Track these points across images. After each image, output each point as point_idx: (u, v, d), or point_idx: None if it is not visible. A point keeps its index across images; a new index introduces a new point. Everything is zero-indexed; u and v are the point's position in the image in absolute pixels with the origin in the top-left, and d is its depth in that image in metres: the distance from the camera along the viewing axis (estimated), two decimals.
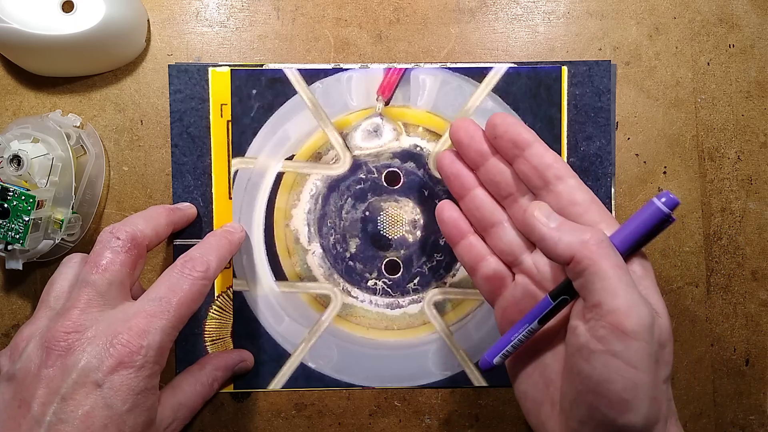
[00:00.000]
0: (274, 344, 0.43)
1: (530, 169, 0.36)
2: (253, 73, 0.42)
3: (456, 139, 0.38)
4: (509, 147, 0.36)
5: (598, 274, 0.30)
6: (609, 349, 0.29)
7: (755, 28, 0.44)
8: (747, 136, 0.43)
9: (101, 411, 0.30)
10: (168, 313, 0.33)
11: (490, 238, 0.38)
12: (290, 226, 0.43)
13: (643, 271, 0.33)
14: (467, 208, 0.39)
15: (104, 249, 0.34)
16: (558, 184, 0.35)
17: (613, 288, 0.30)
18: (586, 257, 0.30)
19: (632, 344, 0.29)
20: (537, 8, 0.44)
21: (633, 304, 0.29)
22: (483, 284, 0.38)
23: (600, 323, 0.29)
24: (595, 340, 0.30)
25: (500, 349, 0.35)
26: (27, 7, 0.39)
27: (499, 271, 0.38)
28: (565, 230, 0.32)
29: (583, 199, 0.34)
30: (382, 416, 0.43)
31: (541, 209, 0.33)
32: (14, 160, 0.37)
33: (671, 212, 0.31)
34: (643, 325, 0.29)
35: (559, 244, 0.32)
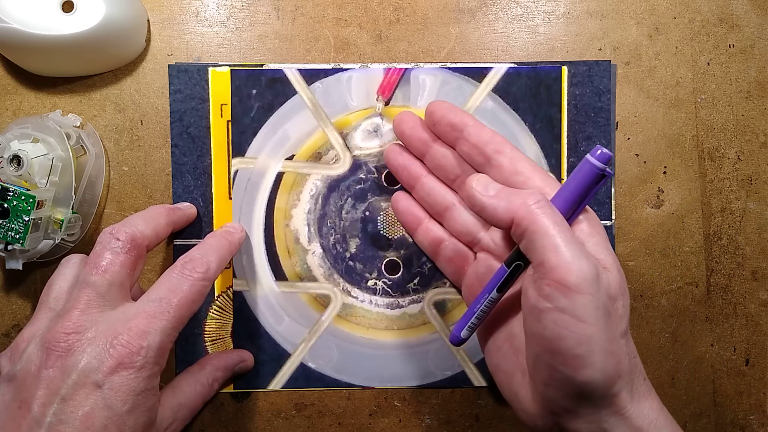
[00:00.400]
0: (274, 344, 0.43)
1: (470, 147, 0.37)
2: (253, 73, 0.42)
3: (399, 132, 0.40)
4: (448, 131, 0.38)
5: (537, 233, 0.31)
6: (556, 306, 0.30)
7: (755, 28, 0.44)
8: (747, 136, 0.43)
9: (101, 412, 0.30)
10: (168, 314, 0.33)
11: (446, 221, 0.40)
12: (290, 226, 0.43)
13: (590, 228, 0.33)
14: (419, 196, 0.40)
15: (104, 250, 0.34)
16: (499, 158, 0.36)
17: (553, 244, 0.30)
18: (525, 217, 0.31)
19: (577, 298, 0.29)
20: (537, 8, 0.44)
21: (574, 259, 0.29)
22: (446, 266, 0.40)
23: (545, 281, 0.30)
24: (542, 298, 0.30)
25: (466, 322, 0.35)
26: (27, 7, 0.39)
27: (459, 251, 0.39)
28: (503, 196, 0.33)
29: (524, 167, 0.35)
30: (382, 416, 0.43)
31: (479, 180, 0.35)
32: (14, 160, 0.37)
33: (605, 166, 0.32)
34: (585, 279, 0.29)
35: (498, 210, 0.33)
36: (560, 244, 0.30)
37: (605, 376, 0.30)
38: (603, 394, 0.30)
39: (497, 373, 0.36)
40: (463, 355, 0.43)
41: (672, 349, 0.43)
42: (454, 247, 0.39)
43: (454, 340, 0.36)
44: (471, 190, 0.34)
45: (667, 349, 0.43)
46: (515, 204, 0.32)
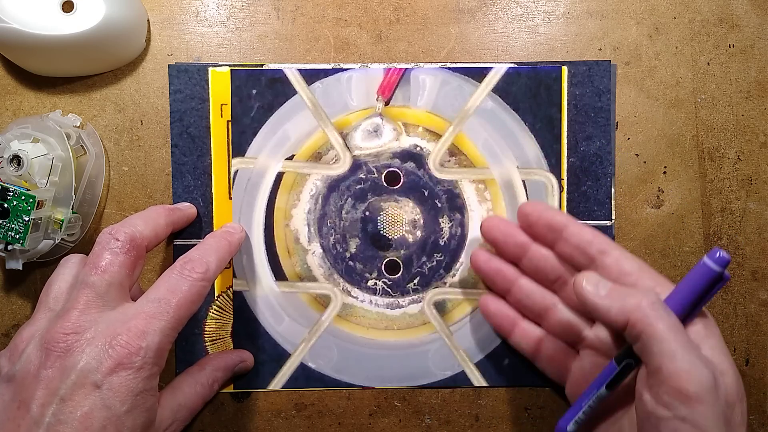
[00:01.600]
0: (274, 344, 0.43)
1: (572, 249, 0.36)
2: (253, 73, 0.42)
3: (491, 239, 0.39)
4: (546, 232, 0.37)
5: (654, 337, 0.30)
6: (675, 415, 0.29)
7: (755, 28, 0.44)
8: (747, 136, 0.43)
9: (100, 412, 0.30)
10: (167, 315, 0.33)
11: (545, 322, 0.39)
12: (290, 226, 0.43)
13: (705, 330, 0.32)
14: (516, 300, 0.39)
15: (103, 250, 0.34)
16: (604, 258, 0.35)
17: (670, 350, 0.29)
18: (640, 320, 0.31)
19: (697, 407, 0.29)
20: (537, 8, 0.44)
21: (692, 366, 0.29)
22: (548, 365, 0.39)
23: (663, 388, 0.29)
24: (661, 406, 0.29)
25: (573, 416, 0.35)
26: (27, 7, 0.39)
27: (561, 349, 0.38)
28: (616, 296, 0.32)
29: (632, 267, 0.34)
30: (382, 416, 0.43)
31: (589, 279, 0.34)
32: (14, 160, 0.37)
33: (723, 270, 0.31)
34: (704, 387, 0.29)
35: (611, 311, 0.32)
36: (677, 349, 0.29)
37: None
38: None
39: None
40: (463, 355, 0.43)
41: None
42: (555, 346, 0.38)
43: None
44: (581, 289, 0.34)
45: None
46: (629, 305, 0.31)
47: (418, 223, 0.43)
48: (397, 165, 0.43)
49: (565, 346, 0.39)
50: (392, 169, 0.43)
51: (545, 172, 0.43)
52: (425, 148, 0.43)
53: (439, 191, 0.43)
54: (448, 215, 0.43)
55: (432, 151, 0.43)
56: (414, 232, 0.43)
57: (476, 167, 0.43)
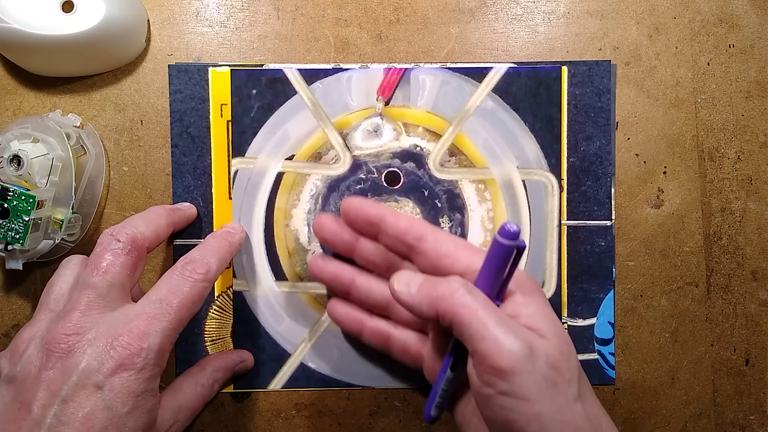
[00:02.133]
0: (274, 344, 0.43)
1: (391, 240, 0.37)
2: (253, 73, 0.42)
3: (320, 237, 0.40)
4: (366, 227, 0.38)
5: (461, 324, 0.31)
6: (498, 390, 0.29)
7: (755, 28, 0.44)
8: (747, 136, 0.43)
9: (101, 413, 0.30)
10: (168, 315, 0.33)
11: (392, 313, 0.39)
12: (290, 226, 0.43)
13: (524, 297, 0.33)
14: (358, 299, 0.40)
15: (104, 251, 0.34)
16: (421, 245, 0.36)
17: (478, 332, 0.30)
18: (446, 311, 0.31)
19: (515, 379, 0.29)
20: (537, 8, 0.44)
21: (500, 342, 0.29)
22: (402, 356, 0.39)
23: (481, 368, 0.30)
24: (485, 385, 0.30)
25: (432, 401, 0.35)
26: (27, 7, 0.39)
27: (410, 339, 0.39)
28: (424, 292, 0.33)
29: (448, 249, 0.35)
30: (382, 416, 0.43)
31: (400, 280, 0.35)
32: (14, 160, 0.37)
33: (516, 242, 0.31)
34: (516, 359, 0.29)
35: (423, 307, 0.33)
36: (486, 329, 0.30)
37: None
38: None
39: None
40: None
41: (672, 349, 0.43)
42: (403, 337, 0.39)
43: (427, 418, 0.36)
44: (393, 291, 0.35)
45: (667, 349, 0.43)
46: (435, 298, 0.32)
47: None
48: (397, 165, 0.43)
49: (415, 334, 0.39)
50: (392, 169, 0.43)
51: (545, 172, 0.43)
52: (425, 148, 0.43)
53: (439, 191, 0.43)
54: (448, 215, 0.43)
55: (432, 151, 0.43)
56: None
57: (476, 167, 0.43)
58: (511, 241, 0.31)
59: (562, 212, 0.43)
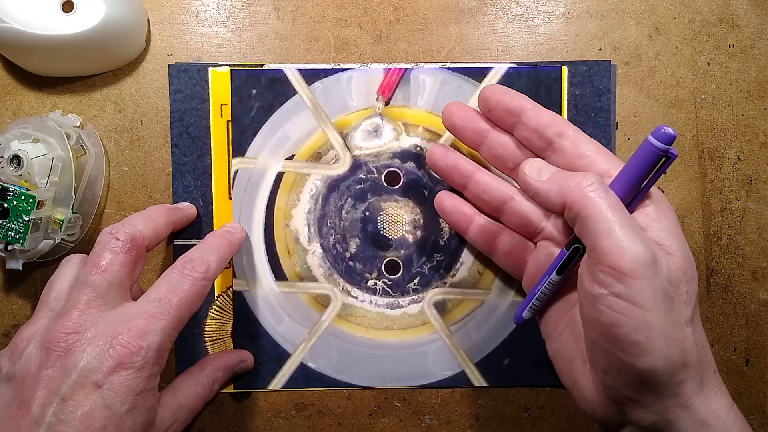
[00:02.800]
0: (274, 344, 0.43)
1: (530, 132, 0.36)
2: (253, 73, 0.42)
3: (450, 124, 0.38)
4: (505, 116, 0.36)
5: (589, 217, 0.30)
6: (611, 291, 0.29)
7: (755, 28, 0.44)
8: (747, 136, 0.43)
9: (100, 412, 0.30)
10: (168, 314, 0.33)
11: (504, 214, 0.38)
12: (290, 226, 0.43)
13: (657, 213, 0.32)
14: (474, 195, 0.39)
15: (104, 250, 0.34)
16: (561, 141, 0.35)
17: (606, 229, 0.29)
18: (576, 201, 0.30)
19: (632, 283, 0.28)
20: (537, 8, 0.44)
21: (628, 243, 0.29)
22: (504, 260, 0.39)
23: (599, 267, 0.29)
24: (597, 284, 0.29)
25: (527, 303, 0.35)
26: (27, 7, 0.39)
27: (518, 243, 0.38)
28: (555, 180, 0.32)
29: (589, 150, 0.34)
30: (382, 416, 0.43)
31: (532, 166, 0.34)
32: (14, 160, 0.37)
33: (668, 147, 0.30)
34: (639, 263, 0.28)
35: (550, 194, 0.32)
36: (613, 228, 0.29)
37: (668, 363, 0.29)
38: (666, 382, 0.29)
39: (557, 358, 0.35)
40: (463, 355, 0.43)
41: None
42: (511, 240, 0.38)
43: (518, 320, 0.36)
44: (523, 175, 0.34)
45: None
46: (567, 188, 0.31)
47: (418, 223, 0.43)
48: (397, 165, 0.43)
49: (522, 240, 0.38)
50: (392, 169, 0.43)
51: None
52: (425, 148, 0.43)
53: (439, 191, 0.43)
54: None
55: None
56: (414, 232, 0.43)
57: None
58: (665, 146, 0.30)
59: None
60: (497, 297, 0.43)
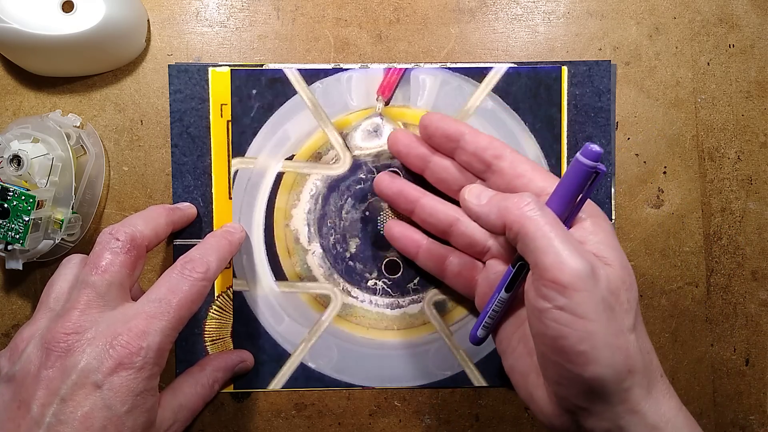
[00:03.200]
0: (274, 344, 0.43)
1: (469, 156, 0.37)
2: (253, 73, 0.42)
3: (395, 151, 0.40)
4: (444, 142, 0.38)
5: (528, 235, 0.31)
6: (554, 305, 0.30)
7: (755, 28, 0.44)
8: (747, 136, 0.43)
9: (100, 412, 0.30)
10: (168, 314, 0.33)
11: (452, 237, 0.39)
12: (290, 226, 0.43)
13: (594, 226, 0.33)
14: (421, 219, 0.40)
15: (103, 250, 0.34)
16: (499, 163, 0.36)
17: (544, 246, 0.30)
18: (514, 222, 0.32)
19: (574, 295, 0.29)
20: (537, 8, 0.44)
21: (566, 257, 0.30)
22: (455, 281, 0.40)
23: (541, 282, 0.30)
24: (541, 298, 0.30)
25: (480, 322, 0.36)
26: (27, 7, 0.39)
27: (466, 263, 0.39)
28: (494, 203, 0.34)
29: (525, 170, 0.36)
30: (382, 416, 0.43)
31: (471, 191, 0.36)
32: (14, 160, 0.37)
33: (596, 164, 0.31)
34: (579, 276, 0.29)
35: (489, 217, 0.34)
36: (551, 244, 0.30)
37: (614, 371, 0.30)
38: (614, 389, 0.30)
39: (513, 373, 0.36)
40: (463, 355, 0.43)
41: (672, 349, 0.43)
42: (460, 261, 0.39)
43: (472, 339, 0.37)
44: (464, 201, 0.35)
45: (667, 349, 0.43)
46: (505, 209, 0.32)
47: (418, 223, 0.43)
48: (397, 165, 0.43)
49: (471, 260, 0.39)
50: (392, 169, 0.43)
51: None
52: None
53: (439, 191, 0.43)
54: None
55: None
56: None
57: None
58: (593, 163, 0.31)
59: None
60: None
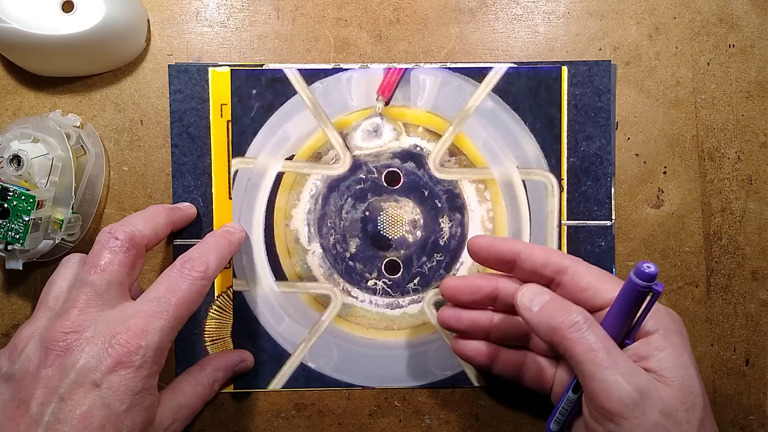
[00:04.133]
0: (274, 344, 0.43)
1: (529, 275, 0.37)
2: (253, 73, 0.42)
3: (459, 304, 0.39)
4: (500, 265, 0.37)
5: (573, 360, 0.31)
6: (606, 429, 0.30)
7: (755, 28, 0.44)
8: (747, 136, 0.43)
9: (99, 411, 0.30)
10: (167, 314, 0.33)
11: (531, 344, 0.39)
12: (290, 226, 0.43)
13: (662, 341, 0.32)
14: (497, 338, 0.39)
15: (103, 249, 0.34)
16: (560, 277, 0.35)
17: (589, 371, 0.30)
18: (560, 343, 0.32)
19: (622, 423, 0.29)
20: (537, 8, 0.44)
21: (611, 384, 0.29)
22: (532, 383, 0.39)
23: (591, 405, 0.30)
24: (594, 421, 0.30)
25: (553, 416, 0.36)
26: (27, 7, 0.39)
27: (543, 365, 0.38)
28: (543, 316, 0.33)
29: (588, 282, 0.35)
30: (382, 416, 0.43)
31: (524, 294, 0.34)
32: (14, 160, 0.37)
33: (651, 284, 0.30)
34: (625, 404, 0.29)
35: (539, 329, 0.33)
36: (597, 370, 0.30)
37: None
38: None
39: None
40: None
41: None
42: (536, 364, 0.39)
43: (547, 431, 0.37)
44: (516, 304, 0.34)
45: None
46: (553, 329, 0.32)
47: (418, 223, 0.43)
48: (397, 165, 0.43)
49: (547, 360, 0.39)
50: (392, 169, 0.43)
51: (545, 172, 0.43)
52: (425, 148, 0.43)
53: (439, 191, 0.43)
54: (448, 215, 0.43)
55: (432, 151, 0.43)
56: (414, 232, 0.43)
57: (476, 167, 0.43)
58: (646, 283, 0.30)
59: (562, 212, 0.43)
60: None
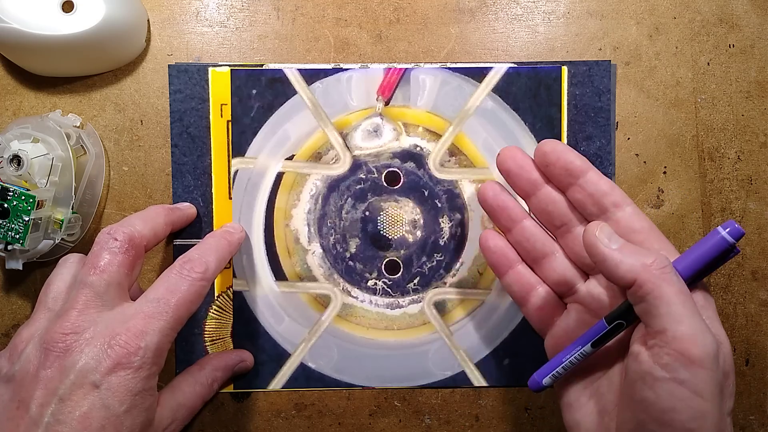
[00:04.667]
0: (274, 344, 0.43)
1: (586, 197, 0.35)
2: (253, 73, 0.42)
3: (504, 169, 0.37)
4: (562, 175, 0.36)
5: (662, 299, 0.29)
6: (675, 377, 0.29)
7: (755, 28, 0.44)
8: (747, 136, 0.43)
9: (99, 412, 0.30)
10: (166, 314, 0.33)
11: (541, 269, 0.38)
12: (290, 226, 0.43)
13: (704, 301, 0.32)
14: (516, 240, 0.38)
15: (102, 250, 0.34)
16: (616, 212, 0.34)
17: (678, 314, 0.29)
18: (649, 281, 0.30)
19: (699, 372, 0.28)
20: (537, 8, 0.44)
21: (699, 332, 0.29)
22: (534, 314, 0.38)
23: (665, 350, 0.29)
24: (660, 367, 0.29)
25: (551, 370, 0.34)
26: (27, 7, 0.39)
27: (550, 301, 0.37)
28: (627, 252, 0.31)
29: (642, 227, 0.34)
30: (382, 416, 0.43)
31: (603, 230, 0.32)
32: (14, 160, 0.37)
33: (735, 243, 0.31)
34: (708, 354, 0.28)
35: (620, 266, 0.31)
36: (685, 314, 0.29)
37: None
38: None
39: (577, 430, 0.34)
40: (463, 355, 0.43)
41: None
42: (545, 296, 0.37)
43: (534, 386, 0.35)
44: (593, 238, 0.32)
45: None
46: (640, 264, 0.31)
47: (418, 223, 0.43)
48: (397, 165, 0.43)
49: (555, 298, 0.37)
50: (392, 169, 0.43)
51: None
52: (425, 148, 0.43)
53: (439, 191, 0.43)
54: (448, 215, 0.43)
55: (432, 151, 0.43)
56: (414, 232, 0.43)
57: (476, 167, 0.43)
58: (733, 239, 0.31)
59: None
60: (497, 297, 0.43)
